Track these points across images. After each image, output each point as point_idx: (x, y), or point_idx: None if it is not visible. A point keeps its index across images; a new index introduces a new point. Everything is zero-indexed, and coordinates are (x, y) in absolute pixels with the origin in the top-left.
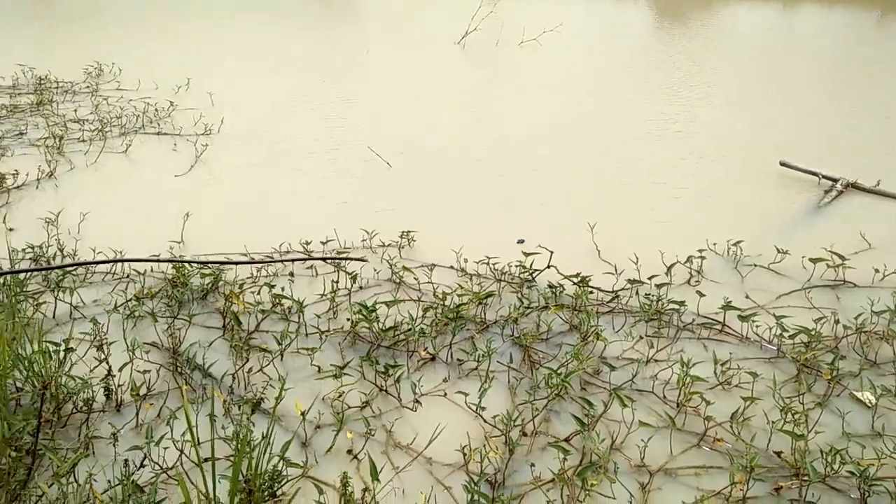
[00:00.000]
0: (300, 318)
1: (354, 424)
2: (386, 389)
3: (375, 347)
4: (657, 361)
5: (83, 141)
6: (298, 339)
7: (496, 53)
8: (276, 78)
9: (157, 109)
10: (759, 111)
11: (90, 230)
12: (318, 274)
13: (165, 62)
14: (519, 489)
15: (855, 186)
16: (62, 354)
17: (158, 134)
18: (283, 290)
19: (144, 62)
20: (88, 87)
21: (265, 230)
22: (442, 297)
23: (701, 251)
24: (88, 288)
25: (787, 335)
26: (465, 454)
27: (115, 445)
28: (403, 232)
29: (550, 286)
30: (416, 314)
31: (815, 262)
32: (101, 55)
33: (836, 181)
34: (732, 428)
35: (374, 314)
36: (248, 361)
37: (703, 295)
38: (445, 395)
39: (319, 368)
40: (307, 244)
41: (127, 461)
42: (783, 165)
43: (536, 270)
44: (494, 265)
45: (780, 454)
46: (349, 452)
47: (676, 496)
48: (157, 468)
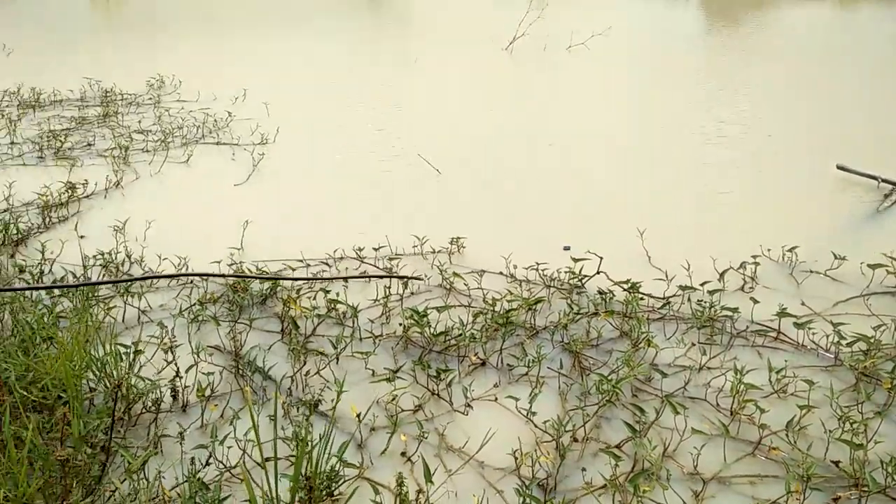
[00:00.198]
0: (354, 322)
1: (408, 427)
2: (438, 393)
3: (427, 352)
4: (710, 369)
5: (147, 151)
6: (353, 343)
7: (544, 59)
8: (328, 87)
9: (215, 120)
10: (814, 114)
11: (155, 237)
12: (370, 280)
13: (223, 74)
14: (571, 494)
15: None
16: (132, 356)
17: (217, 144)
18: (337, 295)
19: (203, 74)
20: (151, 98)
21: (320, 236)
22: (492, 302)
23: (755, 257)
24: (155, 293)
25: (844, 343)
26: (516, 458)
27: (181, 444)
28: (453, 238)
29: (600, 292)
30: (466, 320)
31: (874, 267)
32: (162, 68)
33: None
34: (788, 437)
35: (425, 319)
36: (305, 364)
37: (757, 301)
38: (496, 399)
39: (373, 372)
40: (360, 250)
41: (193, 459)
42: (840, 169)
43: (586, 276)
44: (544, 271)
45: (837, 464)
46: (403, 454)
47: None
48: (221, 466)
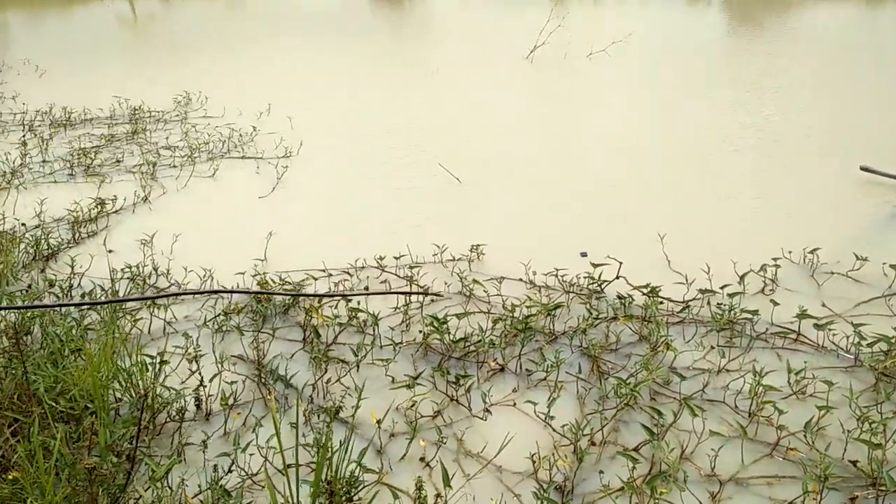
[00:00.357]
0: (375, 330)
1: (427, 433)
2: (457, 399)
3: (447, 358)
4: (729, 371)
5: (174, 166)
6: (374, 350)
7: (565, 67)
8: (349, 99)
9: (240, 135)
10: (837, 115)
11: (182, 250)
12: (395, 293)
13: (247, 89)
14: (588, 497)
15: None
16: (157, 367)
17: (243, 158)
18: (358, 304)
19: (229, 90)
20: (178, 115)
21: (342, 245)
22: (511, 308)
23: (776, 259)
24: (181, 304)
25: (865, 343)
26: (534, 462)
27: (204, 452)
28: (473, 246)
29: (619, 297)
30: (485, 326)
31: None
32: (188, 84)
33: None
34: (806, 437)
35: (445, 326)
36: (326, 372)
37: (777, 304)
38: (515, 404)
39: (393, 379)
40: (381, 259)
41: (216, 467)
42: (864, 170)
43: (605, 281)
44: (563, 277)
45: (855, 463)
46: (422, 460)
47: None
48: (243, 474)
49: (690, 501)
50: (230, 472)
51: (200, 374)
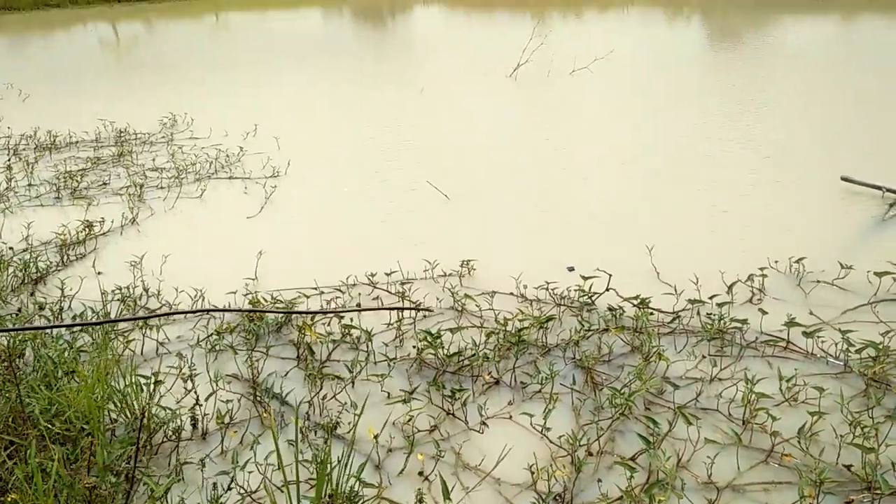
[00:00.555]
0: (369, 346)
1: (424, 447)
2: (453, 413)
3: (441, 373)
4: (721, 380)
5: (161, 188)
6: (368, 366)
7: (548, 84)
8: (336, 119)
9: (227, 155)
10: (818, 127)
11: (172, 271)
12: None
13: (233, 110)
14: None
15: None
16: (152, 387)
17: (230, 178)
18: (351, 320)
19: (214, 111)
20: (164, 137)
21: (333, 264)
22: (503, 322)
23: (763, 269)
24: (173, 325)
25: (853, 350)
26: (532, 473)
27: (202, 471)
28: (464, 261)
29: (610, 309)
30: (479, 340)
31: (880, 275)
32: (174, 107)
33: None
34: (800, 443)
35: (438, 341)
36: (321, 389)
37: (765, 313)
38: (511, 417)
39: (389, 394)
40: (372, 276)
41: (216, 485)
42: (845, 180)
43: (596, 294)
44: (553, 290)
45: (850, 468)
46: (420, 474)
47: None
48: (242, 491)
49: None
50: (229, 489)
51: (196, 392)
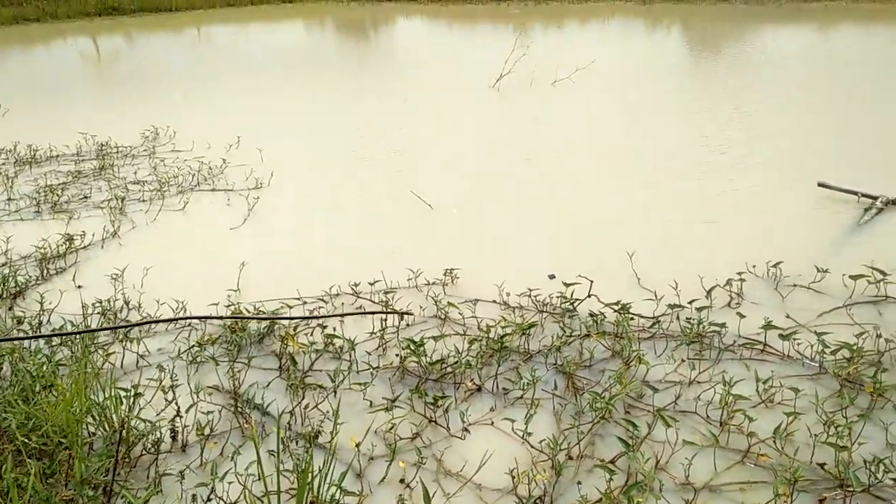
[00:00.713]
0: (351, 355)
1: (406, 455)
2: (435, 420)
3: (424, 381)
4: (699, 383)
5: (143, 201)
6: (351, 375)
7: (531, 94)
8: (319, 130)
9: (210, 168)
10: (795, 134)
11: (153, 283)
12: (366, 314)
13: (216, 123)
14: None
15: (895, 203)
16: (132, 399)
17: (213, 190)
18: (334, 330)
19: (197, 124)
20: (146, 150)
21: (316, 274)
22: (486, 329)
23: (741, 274)
24: (153, 338)
25: (828, 351)
26: (513, 478)
27: (182, 483)
28: (447, 270)
29: (591, 315)
30: (461, 347)
31: (855, 279)
32: (156, 120)
33: (875, 199)
34: (776, 443)
35: (421, 349)
36: (304, 399)
37: (743, 316)
38: (492, 423)
39: (371, 403)
40: (356, 286)
41: (195, 496)
42: (821, 186)
43: (577, 300)
44: (535, 297)
45: (823, 466)
46: (402, 481)
47: None
48: (222, 503)
49: None
50: (209, 501)
51: (177, 404)
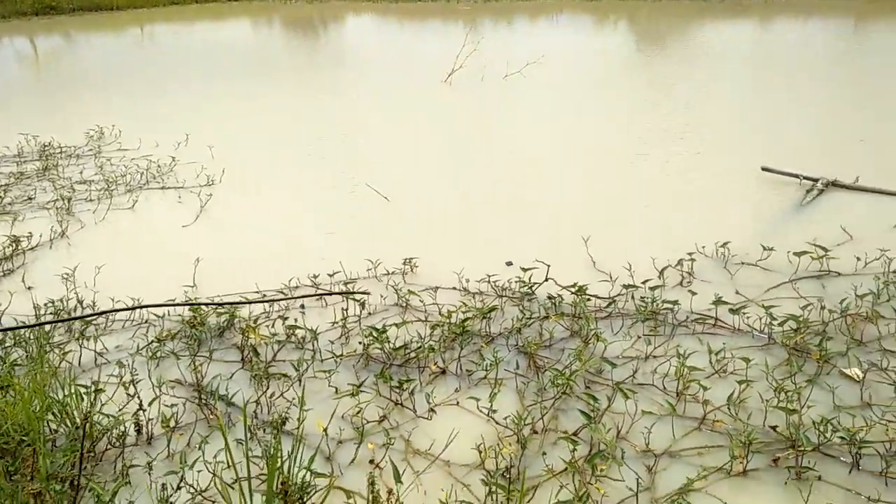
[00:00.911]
0: (315, 345)
1: (374, 437)
2: (401, 403)
3: (388, 366)
4: (655, 357)
5: (91, 200)
6: (314, 364)
7: (483, 88)
8: (270, 126)
9: (159, 166)
10: (739, 122)
11: (106, 282)
12: (327, 304)
13: (163, 122)
14: (533, 480)
15: (834, 184)
16: (93, 395)
17: (163, 188)
18: (295, 321)
19: (143, 123)
20: (91, 149)
21: (275, 269)
22: (447, 315)
23: (691, 254)
24: (110, 335)
25: (776, 323)
26: (480, 453)
27: (150, 474)
28: (406, 259)
29: (550, 297)
30: (424, 333)
31: (799, 255)
32: (100, 119)
33: (816, 181)
34: (730, 410)
35: (384, 335)
36: (268, 388)
37: (694, 294)
38: (458, 403)
39: (337, 389)
40: (315, 277)
41: (164, 486)
42: (765, 170)
43: (535, 284)
44: (495, 282)
45: (775, 429)
46: (371, 462)
47: (681, 474)
48: (192, 491)
49: (629, 475)
50: (179, 489)
51: (139, 398)
